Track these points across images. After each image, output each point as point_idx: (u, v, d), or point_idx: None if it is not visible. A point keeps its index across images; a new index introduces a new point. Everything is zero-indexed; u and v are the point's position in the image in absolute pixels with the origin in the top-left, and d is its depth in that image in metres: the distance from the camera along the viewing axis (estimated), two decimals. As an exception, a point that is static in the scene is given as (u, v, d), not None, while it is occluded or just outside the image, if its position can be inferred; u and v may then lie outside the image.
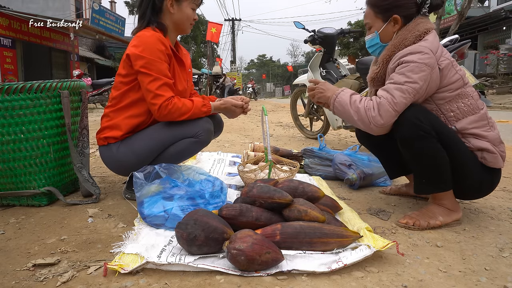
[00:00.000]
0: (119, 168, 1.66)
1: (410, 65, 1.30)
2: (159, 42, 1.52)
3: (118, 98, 1.61)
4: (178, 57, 1.67)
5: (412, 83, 1.29)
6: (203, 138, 1.62)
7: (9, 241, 1.25)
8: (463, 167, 1.33)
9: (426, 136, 1.28)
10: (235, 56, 31.53)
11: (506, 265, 1.09)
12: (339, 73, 3.35)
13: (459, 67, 1.40)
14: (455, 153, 1.32)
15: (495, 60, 12.24)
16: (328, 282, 0.99)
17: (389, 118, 1.31)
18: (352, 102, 1.38)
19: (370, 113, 1.33)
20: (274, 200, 1.21)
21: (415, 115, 1.30)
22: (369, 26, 1.50)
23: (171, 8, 1.60)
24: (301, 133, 4.08)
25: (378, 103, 1.32)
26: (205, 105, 1.61)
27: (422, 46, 1.32)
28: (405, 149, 1.36)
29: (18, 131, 1.53)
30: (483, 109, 1.38)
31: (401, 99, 1.30)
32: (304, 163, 2.24)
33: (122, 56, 1.59)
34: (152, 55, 1.50)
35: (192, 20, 1.67)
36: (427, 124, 1.29)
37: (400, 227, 1.38)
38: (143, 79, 1.52)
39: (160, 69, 1.52)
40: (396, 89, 1.31)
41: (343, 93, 1.42)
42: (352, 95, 1.41)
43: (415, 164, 1.37)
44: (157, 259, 1.04)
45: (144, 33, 1.54)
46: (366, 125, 1.35)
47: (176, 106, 1.53)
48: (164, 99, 1.51)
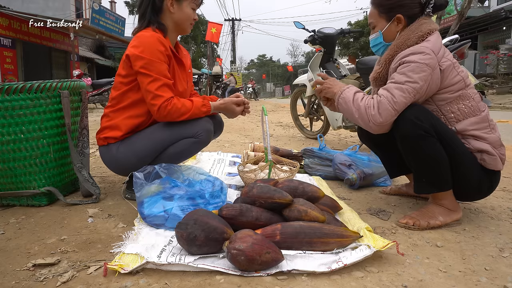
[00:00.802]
0: (119, 168, 1.66)
1: (411, 65, 1.31)
2: (158, 43, 1.52)
3: (118, 98, 1.61)
4: (178, 58, 1.67)
5: (413, 83, 1.30)
6: (202, 138, 1.62)
7: (9, 241, 1.25)
8: (462, 167, 1.33)
9: (426, 135, 1.29)
10: (235, 56, 31.53)
11: (506, 265, 1.09)
12: (339, 73, 3.34)
13: (461, 69, 1.39)
14: (454, 153, 1.32)
15: (495, 60, 12.24)
16: (328, 282, 0.98)
17: (388, 116, 1.32)
18: (354, 99, 1.39)
19: (369, 111, 1.33)
20: (274, 200, 1.21)
21: (415, 114, 1.30)
22: (373, 26, 1.51)
23: (171, 7, 1.60)
24: (301, 133, 4.08)
25: (378, 101, 1.33)
26: (205, 105, 1.61)
27: (424, 47, 1.32)
28: (404, 148, 1.37)
29: (18, 131, 1.53)
30: (484, 111, 1.38)
31: (401, 98, 1.30)
32: (304, 163, 2.24)
33: (122, 57, 1.59)
34: (151, 56, 1.50)
35: (192, 20, 1.67)
36: (427, 124, 1.29)
37: (400, 227, 1.38)
38: (143, 79, 1.52)
39: (160, 70, 1.52)
40: (396, 88, 1.31)
41: (348, 90, 1.43)
42: (356, 93, 1.41)
43: (415, 164, 1.37)
44: (157, 259, 1.04)
45: (143, 34, 1.54)
46: (366, 123, 1.36)
47: (175, 107, 1.53)
48: (163, 99, 1.51)
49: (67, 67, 14.57)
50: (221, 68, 16.50)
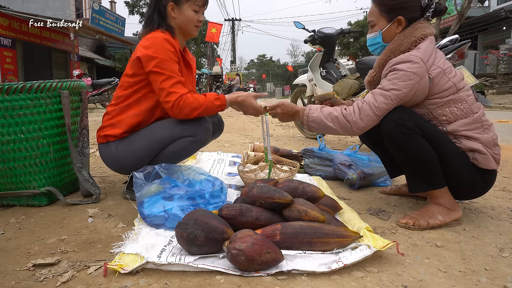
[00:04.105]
0: (117, 166, 1.67)
1: (398, 73, 1.35)
2: (168, 43, 1.54)
3: (122, 97, 1.62)
4: (186, 60, 1.70)
5: (397, 91, 1.34)
6: (201, 137, 1.62)
7: (9, 241, 1.25)
8: (451, 165, 1.35)
9: (409, 132, 1.32)
10: (235, 56, 31.53)
11: (506, 265, 1.09)
12: (339, 73, 3.34)
13: (454, 73, 1.40)
14: (443, 152, 1.34)
15: (495, 60, 12.23)
16: (328, 282, 0.99)
17: (369, 121, 1.38)
18: (326, 115, 1.44)
19: (351, 117, 1.39)
20: (274, 200, 1.21)
21: (398, 115, 1.35)
22: (372, 24, 1.51)
23: (172, 12, 1.62)
24: (301, 133, 4.08)
25: (360, 107, 1.39)
26: (219, 98, 1.57)
27: (413, 55, 1.35)
28: (392, 149, 1.40)
29: (18, 131, 1.53)
30: (477, 113, 1.38)
31: (382, 104, 1.36)
32: (304, 163, 2.24)
33: (131, 58, 1.60)
34: (164, 55, 1.52)
35: (197, 22, 1.66)
36: (410, 123, 1.33)
37: (400, 227, 1.38)
38: (156, 78, 1.52)
39: (173, 68, 1.53)
40: (380, 94, 1.37)
41: (312, 111, 1.48)
42: (322, 109, 1.47)
43: (404, 162, 1.40)
44: (157, 259, 1.04)
45: (154, 35, 1.55)
46: (347, 129, 1.42)
47: (187, 101, 1.51)
48: (177, 95, 1.51)
49: (67, 67, 14.56)
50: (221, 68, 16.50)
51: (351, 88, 2.95)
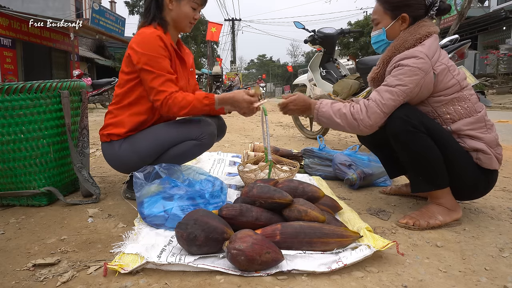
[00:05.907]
0: (120, 166, 1.66)
1: (404, 69, 1.34)
2: (159, 39, 1.53)
3: (121, 95, 1.62)
4: (179, 55, 1.68)
5: (403, 86, 1.33)
6: (206, 141, 1.62)
7: (9, 241, 1.25)
8: (456, 165, 1.35)
9: (415, 131, 1.31)
10: (235, 56, 31.52)
11: (506, 265, 1.09)
12: (339, 73, 3.34)
13: (457, 71, 1.40)
14: (447, 151, 1.34)
15: (495, 60, 12.24)
16: (328, 282, 0.99)
17: (377, 119, 1.36)
18: (335, 111, 1.43)
19: (358, 116, 1.38)
20: (274, 200, 1.21)
21: (404, 112, 1.34)
22: (376, 22, 1.51)
23: (170, 4, 1.61)
24: (301, 133, 4.08)
25: (366, 105, 1.37)
26: (207, 97, 1.55)
27: (418, 51, 1.34)
28: (397, 146, 1.39)
29: (18, 131, 1.53)
30: (481, 112, 1.38)
31: (389, 101, 1.34)
32: (304, 163, 2.24)
33: (125, 54, 1.60)
34: (153, 52, 1.51)
35: (192, 19, 1.67)
36: (416, 121, 1.32)
37: (400, 227, 1.38)
38: (146, 76, 1.52)
39: (163, 66, 1.52)
40: (386, 91, 1.35)
41: (323, 105, 1.46)
42: (333, 104, 1.45)
43: (409, 161, 1.39)
44: (157, 259, 1.04)
45: (144, 31, 1.55)
46: (354, 128, 1.40)
47: (176, 100, 1.51)
48: (166, 94, 1.51)
49: (67, 67, 14.56)
50: (221, 68, 16.50)
51: (351, 88, 2.96)
